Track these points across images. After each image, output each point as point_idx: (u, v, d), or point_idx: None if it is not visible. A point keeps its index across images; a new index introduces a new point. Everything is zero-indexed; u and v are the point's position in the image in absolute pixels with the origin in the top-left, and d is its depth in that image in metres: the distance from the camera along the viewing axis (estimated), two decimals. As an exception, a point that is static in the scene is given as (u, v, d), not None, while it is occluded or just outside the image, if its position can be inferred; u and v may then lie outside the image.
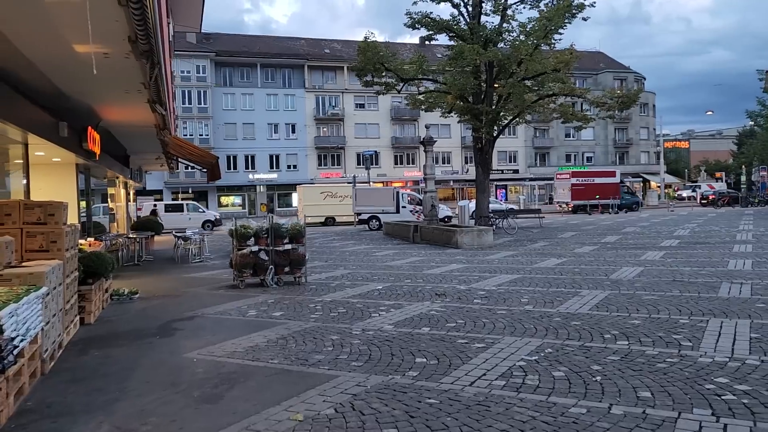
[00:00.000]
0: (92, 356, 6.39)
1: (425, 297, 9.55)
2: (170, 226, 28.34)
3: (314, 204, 34.76)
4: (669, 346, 6.04)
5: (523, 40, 23.50)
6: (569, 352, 5.92)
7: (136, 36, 5.99)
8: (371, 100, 60.81)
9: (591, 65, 68.49)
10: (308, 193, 36.42)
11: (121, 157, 19.07)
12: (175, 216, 32.04)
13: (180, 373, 5.66)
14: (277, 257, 11.38)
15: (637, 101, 26.15)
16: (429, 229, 21.20)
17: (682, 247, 16.50)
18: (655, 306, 8.14)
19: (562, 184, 45.64)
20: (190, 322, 8.12)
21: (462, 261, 14.84)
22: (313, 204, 34.71)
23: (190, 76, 54.99)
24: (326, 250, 19.18)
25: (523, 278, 11.41)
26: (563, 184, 45.42)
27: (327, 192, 36.09)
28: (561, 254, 15.77)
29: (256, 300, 9.69)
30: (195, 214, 33.97)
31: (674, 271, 11.64)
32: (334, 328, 7.36)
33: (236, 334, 7.21)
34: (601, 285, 10.21)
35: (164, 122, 11.74)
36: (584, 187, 43.68)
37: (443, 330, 7.10)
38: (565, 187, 44.88)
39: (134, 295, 10.23)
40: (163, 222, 28.69)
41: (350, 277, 12.27)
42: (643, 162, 70.89)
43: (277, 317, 8.21)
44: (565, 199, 44.71)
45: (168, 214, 32.00)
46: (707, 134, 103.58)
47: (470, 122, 25.50)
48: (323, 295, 9.99)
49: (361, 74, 26.64)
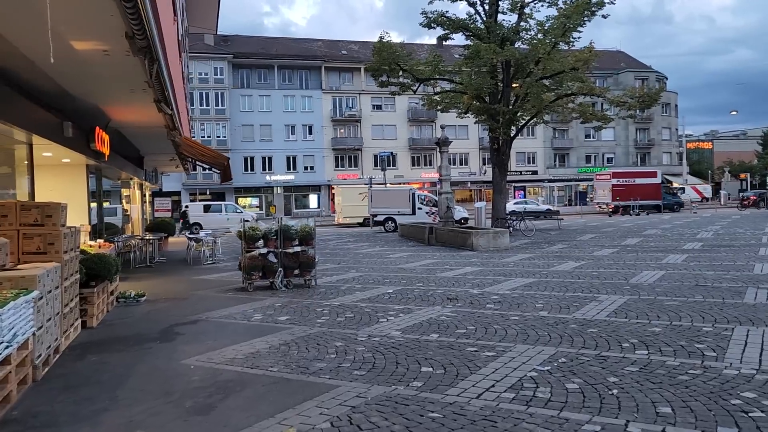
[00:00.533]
0: (88, 362, 6.20)
1: (436, 301, 9.25)
2: (210, 226, 29.33)
3: (352, 205, 34.58)
4: (692, 357, 5.67)
5: (541, 38, 23.08)
6: (584, 362, 5.59)
7: (133, 32, 5.78)
8: (388, 101, 60.62)
9: (611, 65, 67.56)
10: (346, 193, 36.22)
11: (134, 158, 19.03)
12: (214, 216, 33.25)
13: (175, 381, 5.44)
14: (286, 259, 11.17)
15: (659, 100, 25.52)
16: (444, 231, 20.88)
17: (705, 250, 15.98)
18: (677, 312, 7.75)
19: (603, 184, 45.28)
20: (193, 326, 7.92)
21: (477, 264, 14.50)
22: (352, 205, 34.53)
23: (207, 78, 55.29)
24: (340, 252, 18.96)
25: (539, 282, 11.05)
26: (603, 185, 45.06)
27: (366, 193, 36.03)
28: (579, 257, 15.35)
29: (263, 303, 9.48)
30: (233, 214, 34.94)
31: (697, 276, 11.19)
32: (340, 334, 7.10)
33: (239, 339, 6.99)
34: (620, 290, 9.83)
35: (173, 122, 11.59)
36: (625, 188, 43.34)
37: (452, 337, 6.80)
38: (605, 187, 44.55)
39: (141, 298, 10.08)
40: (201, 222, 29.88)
41: (361, 280, 12.01)
42: (665, 163, 69.66)
43: (283, 322, 7.98)
44: (606, 199, 44.32)
45: (207, 214, 33.49)
46: (731, 134, 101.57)
47: (487, 122, 25.11)
48: (332, 299, 9.74)
49: (377, 74, 26.38)
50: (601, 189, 45.54)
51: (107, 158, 12.27)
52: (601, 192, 45.72)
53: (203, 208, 35.22)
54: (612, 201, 43.20)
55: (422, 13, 24.53)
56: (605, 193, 44.47)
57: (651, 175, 45.20)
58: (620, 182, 43.64)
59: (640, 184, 43.46)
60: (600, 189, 46.01)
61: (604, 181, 45.09)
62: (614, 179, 43.78)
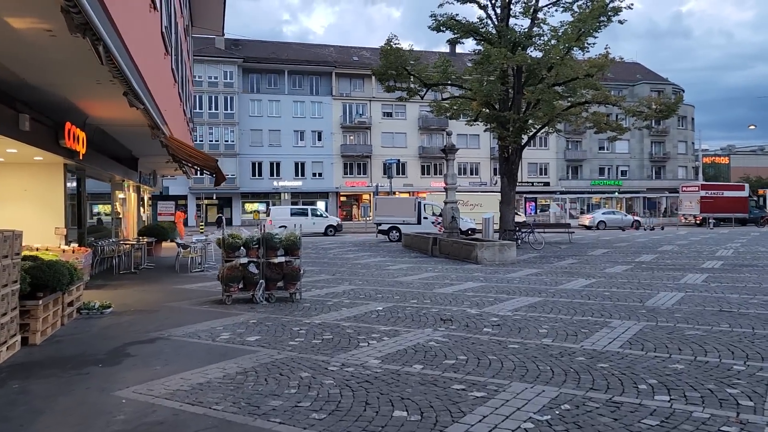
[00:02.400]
0: (7, 390, 5.29)
1: (428, 322, 8.28)
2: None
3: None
4: (723, 406, 4.67)
5: (555, 44, 22.11)
6: (592, 410, 4.60)
7: (67, 6, 4.91)
8: (399, 108, 59.78)
9: (627, 76, 66.37)
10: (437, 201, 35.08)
11: (126, 159, 18.27)
12: (300, 220, 32.24)
13: (96, 419, 4.51)
14: (269, 271, 10.25)
15: (677, 110, 24.41)
16: (448, 242, 19.89)
17: (726, 270, 14.88)
18: (701, 345, 6.73)
19: (690, 196, 46.55)
20: (149, 345, 7.00)
21: (479, 278, 13.51)
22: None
23: (217, 82, 54.78)
24: (338, 262, 18.04)
25: (545, 302, 10.04)
26: (691, 197, 46.31)
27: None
28: (590, 274, 14.31)
29: (237, 320, 8.55)
30: (318, 219, 35.68)
31: (720, 299, 10.14)
32: (309, 361, 6.15)
33: (193, 364, 6.07)
34: (635, 314, 8.80)
35: (153, 120, 10.74)
36: (713, 200, 44.42)
37: (439, 369, 5.83)
38: (692, 199, 45.94)
39: (106, 310, 9.20)
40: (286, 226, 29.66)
41: (352, 294, 11.07)
42: (680, 177, 68.16)
43: (251, 343, 7.05)
44: (693, 211, 45.52)
45: (293, 217, 32.95)
46: (748, 150, 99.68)
47: (496, 130, 24.12)
48: (314, 316, 8.80)
49: (383, 78, 25.52)
50: (688, 201, 46.83)
51: (82, 157, 11.43)
52: (687, 204, 46.92)
53: (290, 212, 35.10)
54: (700, 213, 44.37)
55: (431, 15, 23.66)
56: (692, 205, 45.85)
57: (739, 188, 46.91)
58: (709, 194, 44.82)
59: (729, 197, 44.85)
60: (687, 201, 47.12)
61: (692, 193, 46.36)
62: (702, 191, 44.99)
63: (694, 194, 45.65)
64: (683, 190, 48.54)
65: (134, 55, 7.42)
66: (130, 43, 7.08)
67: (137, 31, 8.05)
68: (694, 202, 45.41)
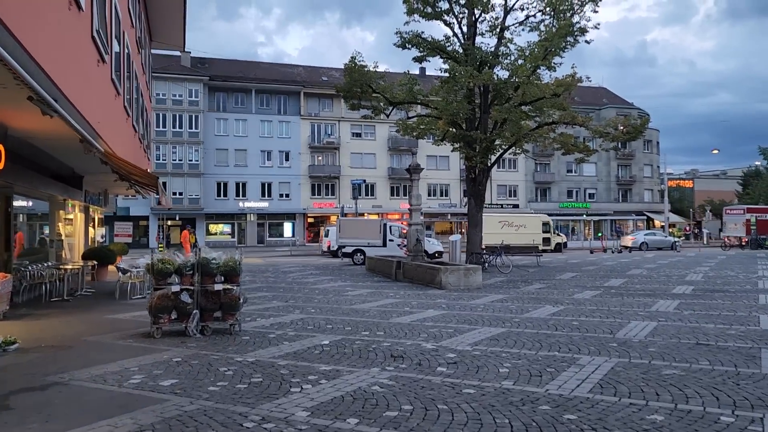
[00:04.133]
0: None
1: (376, 360, 7.33)
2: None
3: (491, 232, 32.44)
4: (715, 475, 3.82)
5: (521, 63, 21.68)
6: (557, 484, 3.70)
7: None
8: (368, 129, 59.26)
9: (594, 100, 67.14)
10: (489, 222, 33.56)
11: (67, 177, 17.00)
12: None
13: None
14: (204, 300, 9.20)
15: (643, 132, 24.18)
16: (412, 266, 19.02)
17: (698, 296, 14.28)
18: (681, 388, 5.92)
19: (734, 219, 48.17)
20: (39, 394, 5.89)
21: (441, 306, 12.62)
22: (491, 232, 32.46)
23: (182, 100, 53.51)
24: (295, 288, 17.00)
25: (509, 333, 9.18)
26: (735, 219, 47.94)
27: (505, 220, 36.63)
28: (558, 300, 13.55)
29: (160, 357, 7.47)
30: None
31: (695, 330, 9.41)
32: (224, 414, 5.14)
33: (81, 420, 4.99)
34: (606, 348, 7.99)
35: (80, 133, 9.67)
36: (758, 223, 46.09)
37: (376, 424, 4.87)
38: (737, 222, 47.55)
39: (9, 346, 8.01)
40: None
41: (299, 325, 10.06)
42: (646, 200, 68.87)
43: (163, 389, 6.00)
44: (738, 233, 46.84)
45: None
46: (711, 174, 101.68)
47: (463, 150, 23.50)
48: (249, 352, 7.77)
49: (348, 96, 24.79)
50: (732, 223, 48.26)
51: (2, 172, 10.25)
52: (732, 226, 48.18)
53: None
54: (746, 235, 45.86)
55: (396, 32, 23.09)
56: (737, 227, 47.28)
57: None
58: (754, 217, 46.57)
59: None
60: (731, 223, 48.48)
61: (737, 215, 48.00)
62: (748, 214, 46.74)
63: (740, 217, 47.41)
64: (727, 213, 50.26)
65: (36, 53, 6.43)
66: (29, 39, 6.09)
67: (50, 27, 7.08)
68: (740, 225, 47.07)
